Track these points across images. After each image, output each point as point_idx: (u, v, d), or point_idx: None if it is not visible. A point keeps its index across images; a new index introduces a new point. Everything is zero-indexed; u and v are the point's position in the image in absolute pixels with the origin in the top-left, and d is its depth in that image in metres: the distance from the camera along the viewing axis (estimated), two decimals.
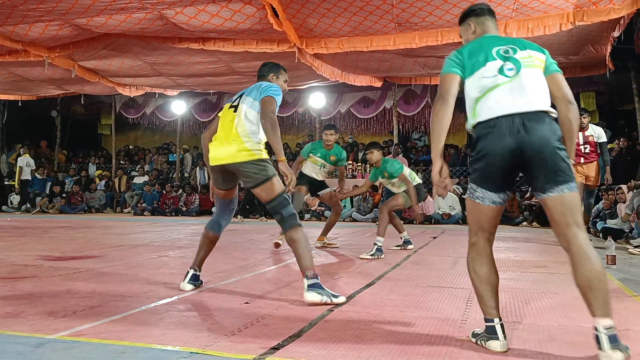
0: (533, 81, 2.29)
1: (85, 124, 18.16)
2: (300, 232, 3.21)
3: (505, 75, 2.29)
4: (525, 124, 2.19)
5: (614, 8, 6.36)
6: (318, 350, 2.29)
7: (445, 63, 2.43)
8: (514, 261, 5.24)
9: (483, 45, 2.40)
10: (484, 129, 2.27)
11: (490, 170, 2.26)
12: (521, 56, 2.33)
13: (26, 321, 2.70)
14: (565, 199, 2.19)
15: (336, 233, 8.28)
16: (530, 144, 2.17)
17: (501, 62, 2.31)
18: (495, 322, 2.33)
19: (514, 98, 2.24)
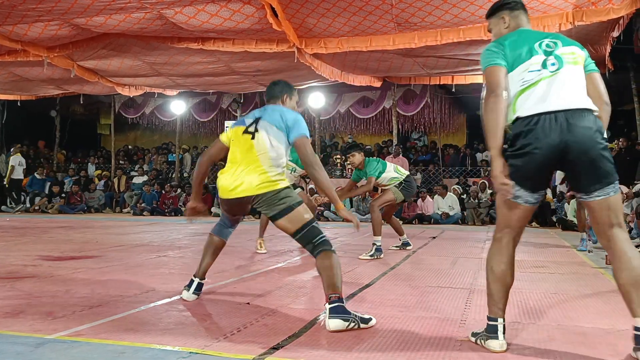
0: (576, 78, 2.25)
1: (85, 124, 18.15)
2: (334, 257, 2.89)
3: (548, 71, 2.23)
4: (569, 121, 2.13)
5: (613, 8, 6.36)
6: (317, 350, 2.29)
7: (486, 55, 2.34)
8: None
9: (525, 38, 2.33)
10: (526, 125, 2.20)
11: (530, 168, 2.20)
12: (563, 52, 2.28)
13: (25, 321, 2.70)
14: (611, 202, 2.17)
15: (335, 233, 8.29)
16: (575, 143, 2.12)
17: (544, 57, 2.26)
18: (499, 322, 2.30)
19: (558, 94, 2.19)
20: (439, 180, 12.74)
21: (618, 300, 3.38)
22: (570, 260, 5.32)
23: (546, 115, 2.17)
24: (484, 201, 11.08)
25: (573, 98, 2.20)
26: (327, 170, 14.28)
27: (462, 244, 6.99)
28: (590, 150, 2.12)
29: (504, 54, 2.29)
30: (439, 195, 11.32)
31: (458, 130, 15.54)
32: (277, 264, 4.93)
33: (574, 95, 2.20)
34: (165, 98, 14.94)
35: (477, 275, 4.34)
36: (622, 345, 2.40)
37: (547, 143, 2.14)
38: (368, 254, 5.34)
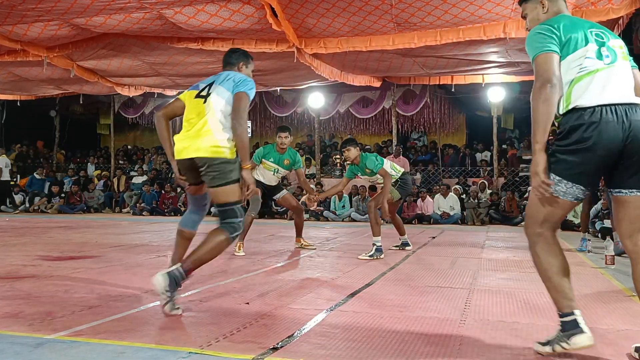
0: (628, 73, 2.17)
1: (84, 124, 18.13)
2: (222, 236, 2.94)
3: (604, 62, 2.12)
4: (629, 116, 2.04)
5: (612, 8, 6.36)
6: (317, 350, 2.29)
7: (537, 40, 2.15)
8: (513, 261, 5.24)
9: (576, 23, 2.19)
10: (585, 117, 2.05)
11: (590, 163, 2.07)
12: (614, 44, 2.18)
13: (25, 321, 2.70)
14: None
15: (335, 233, 8.29)
16: (634, 137, 2.03)
17: (597, 46, 2.13)
18: (577, 314, 2.14)
19: (616, 86, 2.08)
20: (438, 180, 12.74)
21: (618, 300, 3.38)
22: (570, 260, 5.29)
23: (608, 108, 2.04)
24: (483, 201, 11.09)
25: (629, 92, 2.11)
26: (327, 170, 14.30)
27: (461, 244, 6.99)
28: None
29: (558, 38, 2.13)
30: (442, 194, 11.31)
31: (457, 130, 15.53)
32: (277, 264, 4.93)
33: (629, 89, 2.12)
34: (164, 98, 14.91)
35: (476, 275, 4.34)
36: (622, 345, 2.40)
37: (611, 137, 2.02)
38: (367, 254, 5.33)
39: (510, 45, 8.11)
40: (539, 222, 2.23)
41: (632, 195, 2.10)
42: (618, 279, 4.16)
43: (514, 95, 12.94)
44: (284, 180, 13.79)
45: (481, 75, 10.68)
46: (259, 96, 15.14)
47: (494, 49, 8.51)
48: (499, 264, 5.05)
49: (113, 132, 16.31)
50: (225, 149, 2.96)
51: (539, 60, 2.14)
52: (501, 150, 13.31)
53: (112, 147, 16.24)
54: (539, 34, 2.15)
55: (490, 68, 10.07)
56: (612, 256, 4.80)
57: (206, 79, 3.22)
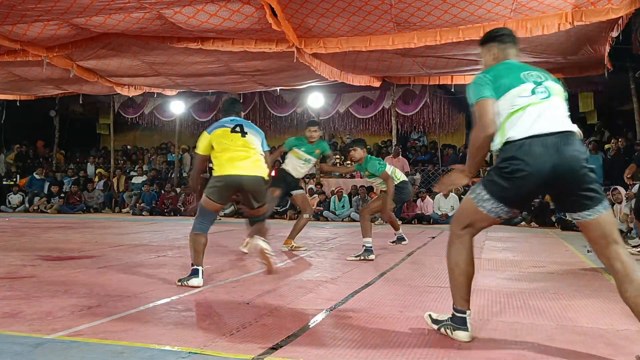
0: (562, 106, 2.36)
1: (84, 124, 18.12)
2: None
3: (538, 97, 2.32)
4: (559, 145, 2.20)
5: (612, 8, 6.36)
6: (316, 350, 2.29)
7: (474, 88, 2.42)
8: (513, 261, 5.24)
9: (513, 67, 2.45)
10: (517, 149, 2.24)
11: (519, 190, 2.25)
12: (550, 85, 2.38)
13: (24, 321, 2.69)
14: (602, 220, 2.21)
15: (335, 233, 8.29)
16: (565, 165, 2.18)
17: (534, 85, 2.35)
18: (467, 314, 2.44)
19: (547, 118, 2.26)
20: (438, 181, 12.73)
21: (617, 300, 3.38)
22: (569, 260, 5.33)
23: (537, 139, 2.22)
24: None
25: (561, 122, 2.28)
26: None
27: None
28: (580, 171, 2.19)
29: (491, 84, 2.38)
30: (442, 195, 11.31)
31: (457, 130, 15.52)
32: (277, 264, 4.92)
33: (561, 119, 2.29)
34: (164, 98, 14.93)
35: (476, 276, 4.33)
36: (622, 345, 2.40)
37: (539, 166, 2.19)
38: (355, 255, 5.23)
39: None
40: (462, 226, 2.45)
41: (584, 219, 2.24)
42: None
43: None
44: None
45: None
46: (258, 96, 15.14)
47: None
48: (498, 264, 5.05)
49: (113, 132, 16.31)
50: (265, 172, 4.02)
51: (477, 107, 2.39)
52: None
53: (111, 147, 16.24)
54: (476, 84, 2.42)
55: None
56: None
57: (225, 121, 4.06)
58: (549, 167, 2.17)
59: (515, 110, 2.30)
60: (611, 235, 2.21)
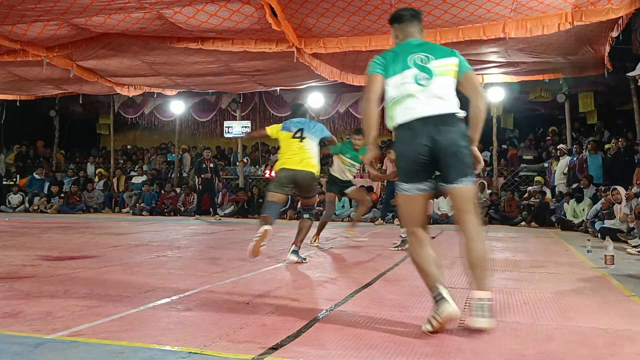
0: (443, 88, 2.62)
1: (84, 124, 18.10)
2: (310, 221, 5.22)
3: (419, 84, 2.60)
4: (437, 125, 2.55)
5: (612, 8, 6.36)
6: (317, 350, 2.29)
7: (370, 65, 2.74)
8: (512, 261, 5.24)
9: (402, 51, 2.71)
10: (403, 131, 2.64)
11: (409, 165, 2.63)
12: (435, 65, 2.63)
13: (24, 321, 2.69)
14: (465, 190, 2.58)
15: (334, 233, 8.29)
16: (442, 142, 2.53)
17: (416, 71, 2.62)
18: (442, 289, 2.55)
19: (427, 103, 2.57)
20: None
21: (617, 300, 3.39)
22: (569, 260, 5.33)
23: (417, 121, 2.57)
24: (482, 201, 11.07)
25: (440, 105, 2.58)
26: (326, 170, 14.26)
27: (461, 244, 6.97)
28: (452, 148, 2.53)
29: (384, 65, 2.70)
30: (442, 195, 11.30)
31: None
32: (277, 264, 4.93)
33: (441, 103, 2.58)
34: (164, 98, 14.93)
35: None
36: (622, 345, 2.40)
37: (419, 144, 2.56)
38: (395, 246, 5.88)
39: (509, 45, 8.11)
40: (409, 222, 2.75)
41: (451, 187, 2.59)
42: (618, 279, 4.15)
43: (514, 95, 12.94)
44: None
45: (481, 75, 10.68)
46: (258, 96, 15.13)
47: (494, 49, 8.51)
48: (498, 264, 5.05)
49: (113, 132, 16.30)
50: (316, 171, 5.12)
51: (367, 80, 2.76)
52: (501, 150, 13.30)
53: (111, 147, 16.23)
54: (372, 61, 2.75)
55: (490, 68, 10.07)
56: (612, 256, 4.80)
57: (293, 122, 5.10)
58: (427, 145, 2.54)
59: (401, 96, 2.63)
60: (467, 204, 2.59)
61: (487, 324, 2.48)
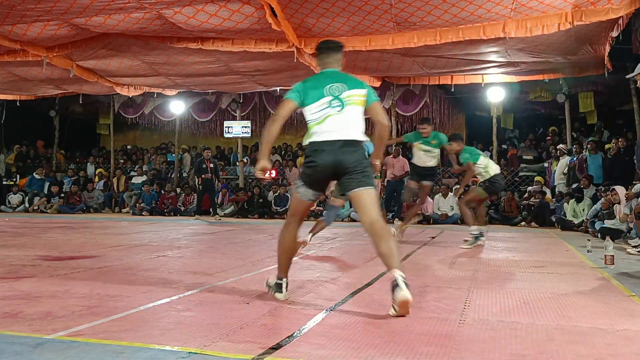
0: (352, 117, 3.13)
1: (84, 124, 18.09)
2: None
3: (334, 110, 3.10)
4: (342, 147, 3.06)
5: (612, 8, 6.36)
6: (317, 350, 2.29)
7: (290, 90, 3.20)
8: (512, 261, 5.24)
9: (320, 81, 3.18)
10: (315, 148, 3.12)
11: (315, 177, 3.14)
12: (346, 95, 3.12)
13: (24, 321, 2.69)
14: (360, 195, 3.09)
15: (335, 233, 8.29)
16: (341, 162, 3.06)
17: (331, 98, 3.11)
18: (284, 281, 3.28)
19: (337, 128, 3.08)
20: (438, 180, 12.73)
21: (617, 300, 3.39)
22: (569, 260, 5.33)
23: (328, 142, 3.08)
24: None
25: (347, 132, 3.10)
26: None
27: (461, 244, 6.99)
28: (351, 165, 3.06)
29: (302, 92, 3.16)
30: (442, 195, 11.30)
31: (457, 130, 15.44)
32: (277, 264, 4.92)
33: (348, 130, 3.10)
34: (164, 98, 14.92)
35: (476, 275, 4.34)
36: (622, 345, 2.40)
37: (326, 161, 3.07)
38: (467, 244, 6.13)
39: (509, 45, 8.11)
40: (291, 214, 3.33)
41: (353, 193, 3.11)
42: (618, 279, 4.15)
43: (513, 95, 12.94)
44: (283, 180, 13.88)
45: (481, 75, 10.68)
46: (258, 96, 15.12)
47: (494, 49, 8.51)
48: (498, 264, 5.05)
49: (113, 132, 16.29)
50: None
51: (281, 103, 3.25)
52: (501, 150, 13.30)
53: (111, 147, 16.22)
54: (292, 88, 3.21)
55: (490, 68, 10.07)
56: (612, 256, 4.80)
57: None
58: (331, 163, 3.06)
59: (317, 120, 3.11)
60: (365, 208, 3.09)
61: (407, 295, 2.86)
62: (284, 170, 14.40)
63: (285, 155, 15.61)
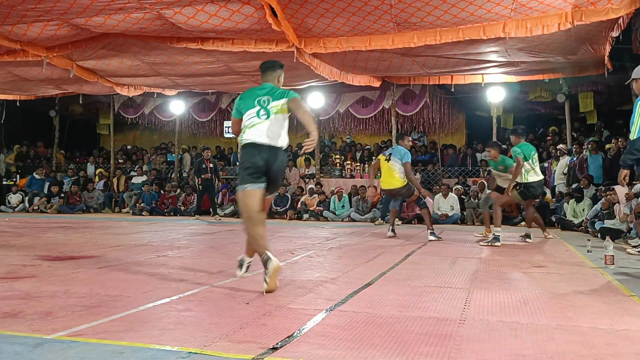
0: (276, 125, 3.73)
1: (84, 124, 18.10)
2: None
3: (260, 118, 3.72)
4: (268, 152, 3.68)
5: (612, 8, 6.36)
6: (317, 350, 2.29)
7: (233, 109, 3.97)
8: (512, 261, 5.24)
9: (252, 95, 3.84)
10: (245, 148, 3.75)
11: (255, 171, 3.69)
12: (272, 106, 3.73)
13: (24, 321, 2.69)
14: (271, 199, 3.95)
15: (335, 233, 8.29)
16: (272, 163, 3.70)
17: (259, 108, 3.75)
18: (270, 254, 3.51)
19: (263, 134, 3.69)
20: (438, 181, 12.74)
21: (617, 300, 3.39)
22: (569, 260, 5.33)
23: (256, 145, 3.69)
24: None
25: (271, 138, 3.70)
26: (327, 170, 14.29)
27: (461, 244, 6.99)
28: (278, 170, 3.75)
29: (238, 109, 3.90)
30: (442, 195, 11.29)
31: (457, 130, 15.52)
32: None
33: (272, 136, 3.70)
34: (164, 98, 14.93)
35: (476, 275, 4.34)
36: (622, 345, 2.40)
37: (259, 160, 3.68)
38: (485, 241, 6.61)
39: (509, 44, 8.11)
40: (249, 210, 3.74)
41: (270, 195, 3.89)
42: (618, 279, 4.16)
43: (513, 95, 12.93)
44: (283, 181, 13.86)
45: (481, 75, 10.68)
46: None
47: (494, 49, 8.51)
48: (498, 263, 5.05)
49: (113, 132, 16.29)
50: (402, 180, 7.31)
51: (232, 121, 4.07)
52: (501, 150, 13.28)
53: (111, 147, 16.23)
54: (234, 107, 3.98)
55: (490, 68, 10.07)
56: (612, 256, 4.80)
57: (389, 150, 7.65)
58: (262, 162, 3.67)
59: (249, 125, 3.74)
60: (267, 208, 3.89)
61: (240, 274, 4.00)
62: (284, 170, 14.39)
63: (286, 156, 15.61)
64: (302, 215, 12.15)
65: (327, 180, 13.70)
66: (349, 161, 14.27)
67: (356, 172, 13.75)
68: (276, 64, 4.02)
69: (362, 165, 13.81)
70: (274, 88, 3.86)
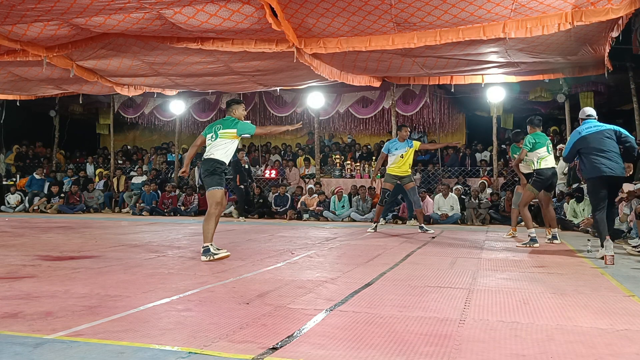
0: (218, 146, 5.23)
1: (84, 124, 18.10)
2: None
3: (211, 141, 5.26)
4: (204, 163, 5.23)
5: (612, 8, 6.35)
6: (317, 350, 2.29)
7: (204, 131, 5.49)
8: (512, 261, 5.24)
9: (215, 124, 5.36)
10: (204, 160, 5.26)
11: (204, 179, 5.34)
12: (222, 132, 5.23)
13: (24, 321, 2.70)
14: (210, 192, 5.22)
15: (335, 233, 8.29)
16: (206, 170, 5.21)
17: (212, 134, 5.28)
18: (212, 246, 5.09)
19: (212, 151, 5.22)
20: (438, 180, 12.74)
21: (617, 300, 3.39)
22: (569, 260, 5.33)
23: (207, 159, 5.23)
24: (484, 202, 11.08)
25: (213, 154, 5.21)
26: (327, 170, 14.29)
27: (461, 244, 6.99)
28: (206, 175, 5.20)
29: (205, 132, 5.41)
30: (442, 194, 11.29)
31: (457, 130, 15.52)
32: (277, 264, 4.93)
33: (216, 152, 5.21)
34: (164, 98, 14.92)
35: (476, 275, 4.34)
36: (622, 345, 2.40)
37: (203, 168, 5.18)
38: (522, 243, 6.56)
39: (509, 45, 8.11)
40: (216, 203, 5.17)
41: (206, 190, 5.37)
42: (617, 279, 4.16)
43: (513, 96, 12.94)
44: (283, 180, 13.88)
45: (481, 76, 10.67)
46: (258, 96, 15.14)
47: (494, 49, 8.51)
48: (498, 263, 5.06)
49: (112, 132, 16.29)
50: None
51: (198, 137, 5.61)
52: (501, 150, 13.31)
53: (111, 147, 16.22)
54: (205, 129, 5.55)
55: (490, 68, 10.07)
56: (612, 256, 4.80)
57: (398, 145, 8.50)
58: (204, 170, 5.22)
59: (207, 145, 5.28)
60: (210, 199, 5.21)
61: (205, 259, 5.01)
62: (284, 170, 14.41)
63: (285, 155, 15.63)
64: (302, 215, 12.15)
65: (328, 180, 13.70)
66: (349, 161, 14.27)
67: (356, 172, 13.75)
68: (235, 101, 5.55)
69: (362, 165, 13.82)
70: (229, 119, 5.37)
